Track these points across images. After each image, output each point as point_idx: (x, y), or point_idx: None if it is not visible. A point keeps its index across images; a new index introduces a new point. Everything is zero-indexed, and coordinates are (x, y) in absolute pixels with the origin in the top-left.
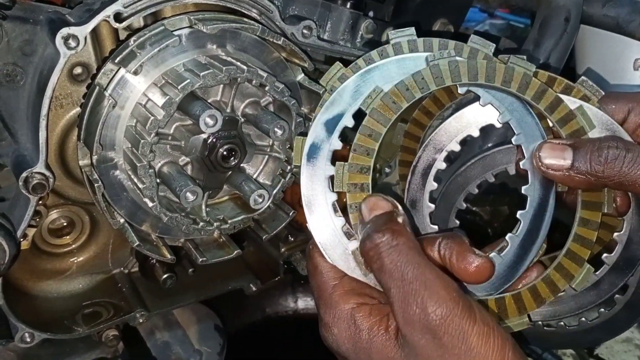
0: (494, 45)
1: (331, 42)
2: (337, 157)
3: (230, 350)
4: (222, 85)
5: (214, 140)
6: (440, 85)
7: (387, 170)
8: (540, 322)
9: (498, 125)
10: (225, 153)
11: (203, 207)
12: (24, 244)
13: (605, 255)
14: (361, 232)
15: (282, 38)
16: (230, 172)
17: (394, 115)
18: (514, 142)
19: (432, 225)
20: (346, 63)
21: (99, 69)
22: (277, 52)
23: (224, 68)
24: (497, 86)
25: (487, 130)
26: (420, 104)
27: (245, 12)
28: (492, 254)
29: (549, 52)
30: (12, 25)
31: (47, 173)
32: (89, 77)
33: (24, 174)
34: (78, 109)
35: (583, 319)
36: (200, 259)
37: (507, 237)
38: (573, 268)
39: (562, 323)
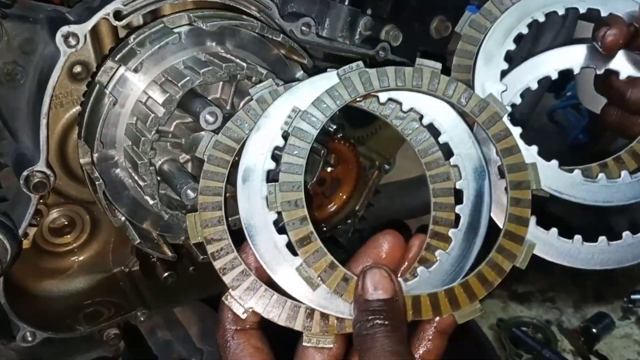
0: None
1: (330, 39)
2: (272, 178)
3: None
4: (221, 83)
5: None
6: (354, 95)
7: (386, 167)
8: None
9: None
10: None
11: None
12: (25, 243)
13: None
14: (358, 309)
15: (281, 35)
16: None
17: (316, 131)
18: (440, 141)
19: None
20: (344, 60)
21: (98, 67)
22: (276, 49)
23: (224, 65)
24: (409, 88)
25: None
26: None
27: (245, 9)
28: (438, 252)
29: (547, 46)
30: (12, 24)
31: (48, 171)
32: (89, 75)
33: (25, 173)
34: (78, 108)
35: None
36: (201, 257)
37: (450, 233)
38: (514, 247)
39: None
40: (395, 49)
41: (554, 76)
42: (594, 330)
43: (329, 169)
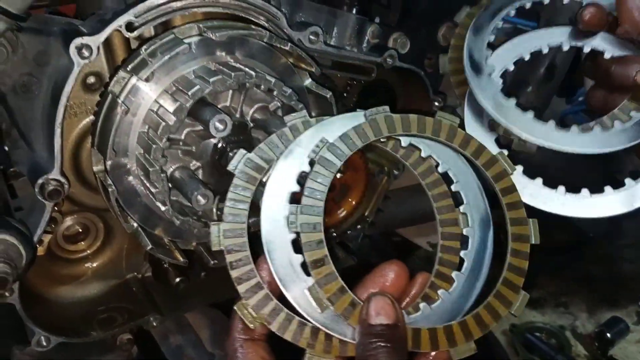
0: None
1: (338, 47)
2: (295, 200)
3: None
4: (231, 91)
5: (224, 144)
6: (378, 136)
7: (395, 172)
8: None
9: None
10: None
11: (214, 210)
12: (40, 250)
13: None
14: (361, 332)
15: (289, 44)
16: None
17: (340, 162)
18: (452, 189)
19: None
20: (352, 68)
21: (111, 77)
22: (284, 58)
23: (233, 74)
24: (428, 136)
25: None
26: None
27: (253, 19)
28: (440, 291)
29: (554, 52)
30: (27, 37)
31: (62, 179)
32: (102, 85)
33: (40, 181)
34: (92, 117)
35: None
36: (212, 262)
37: (453, 275)
38: (511, 295)
39: None
40: (403, 56)
41: (545, 50)
42: (608, 335)
43: (338, 175)
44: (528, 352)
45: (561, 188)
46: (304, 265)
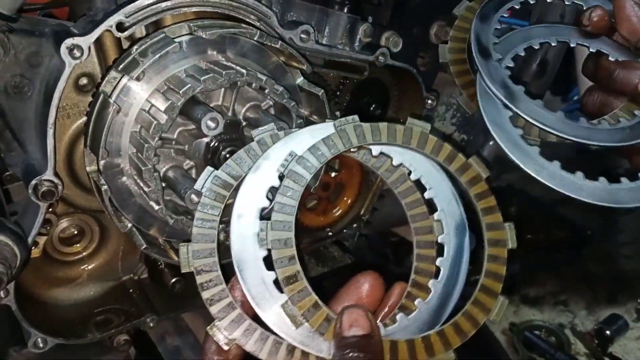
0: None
1: (329, 46)
2: (264, 216)
3: None
4: (223, 90)
5: (216, 143)
6: (348, 146)
7: None
8: None
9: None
10: (227, 156)
11: None
12: (36, 252)
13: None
14: (336, 346)
15: (280, 42)
16: None
17: (309, 175)
18: (426, 196)
19: None
20: (344, 66)
21: (103, 77)
22: (276, 57)
23: (224, 72)
24: (398, 144)
25: None
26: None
27: (244, 18)
28: (417, 301)
29: (545, 50)
30: (18, 38)
31: (56, 180)
32: (94, 86)
33: (33, 182)
34: (84, 119)
35: None
36: None
37: (429, 284)
38: (488, 302)
39: None
40: (395, 54)
41: (553, 43)
42: (607, 332)
43: (332, 174)
44: (528, 351)
45: (579, 173)
46: (276, 283)
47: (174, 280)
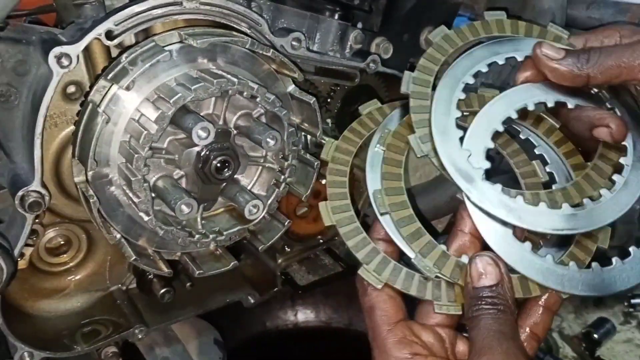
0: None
1: (320, 53)
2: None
3: None
4: (214, 98)
5: (207, 152)
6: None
7: None
8: None
9: None
10: (218, 165)
11: (198, 219)
12: (22, 264)
13: (615, 175)
14: (466, 295)
15: (271, 50)
16: (224, 184)
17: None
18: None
19: None
20: (335, 73)
21: (92, 86)
22: (267, 65)
23: (215, 81)
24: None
25: None
26: None
27: (235, 26)
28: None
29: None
30: (5, 46)
31: (43, 191)
32: (83, 95)
33: (20, 193)
34: (72, 127)
35: None
36: (197, 272)
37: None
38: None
39: None
40: (385, 61)
41: (514, 116)
42: (595, 335)
43: (323, 181)
44: None
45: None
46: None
47: (163, 290)
